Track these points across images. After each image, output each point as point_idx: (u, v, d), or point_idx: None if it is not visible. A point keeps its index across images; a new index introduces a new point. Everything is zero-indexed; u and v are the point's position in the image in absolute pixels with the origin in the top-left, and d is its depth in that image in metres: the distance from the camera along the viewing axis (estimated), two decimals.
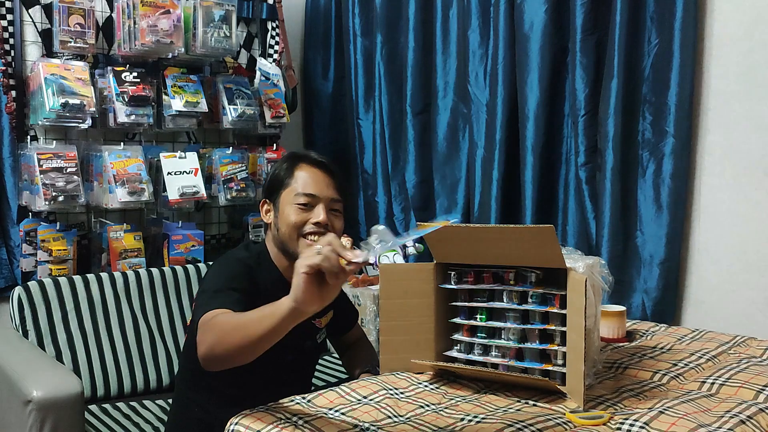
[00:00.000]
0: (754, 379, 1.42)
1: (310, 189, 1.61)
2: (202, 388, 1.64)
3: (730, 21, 2.15)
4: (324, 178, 1.63)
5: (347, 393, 1.36)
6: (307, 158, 1.66)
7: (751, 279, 2.13)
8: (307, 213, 1.60)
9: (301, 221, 1.59)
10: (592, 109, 2.36)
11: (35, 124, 2.40)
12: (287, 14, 3.05)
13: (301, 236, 1.60)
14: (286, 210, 1.61)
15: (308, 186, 1.61)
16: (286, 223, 1.60)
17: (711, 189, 2.22)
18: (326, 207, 1.61)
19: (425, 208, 2.97)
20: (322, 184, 1.62)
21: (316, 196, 1.61)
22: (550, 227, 1.30)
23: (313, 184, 1.62)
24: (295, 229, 1.60)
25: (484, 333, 1.46)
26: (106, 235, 2.48)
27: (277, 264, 1.65)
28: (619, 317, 1.78)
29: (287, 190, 1.63)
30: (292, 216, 1.60)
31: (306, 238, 1.60)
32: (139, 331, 2.30)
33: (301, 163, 1.65)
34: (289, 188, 1.62)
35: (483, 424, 1.20)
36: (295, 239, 1.60)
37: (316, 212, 1.60)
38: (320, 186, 1.62)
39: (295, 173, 1.63)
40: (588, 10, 2.32)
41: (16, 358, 1.97)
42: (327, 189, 1.62)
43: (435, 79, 2.87)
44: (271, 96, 2.88)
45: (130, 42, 2.48)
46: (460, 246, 1.46)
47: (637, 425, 1.18)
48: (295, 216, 1.60)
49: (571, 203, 2.50)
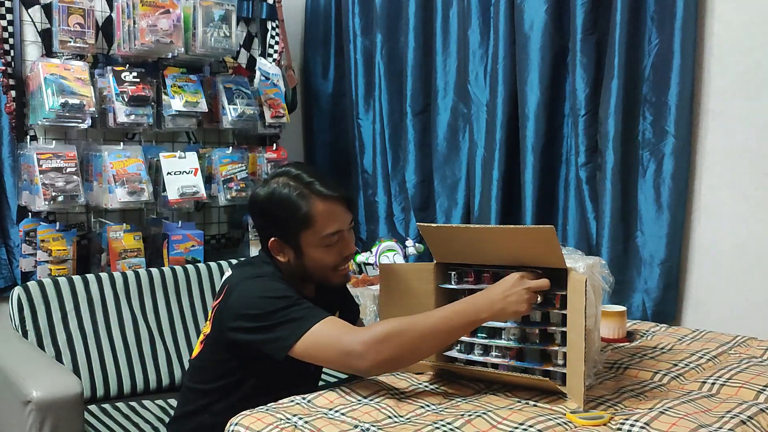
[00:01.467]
0: (754, 379, 1.42)
1: (335, 227, 1.54)
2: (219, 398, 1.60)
3: (730, 21, 2.15)
4: (340, 207, 1.56)
5: (347, 393, 1.36)
6: (317, 192, 1.53)
7: (751, 279, 2.13)
8: (336, 249, 1.56)
9: (335, 261, 1.57)
10: (592, 109, 2.36)
11: (35, 124, 2.39)
12: (287, 14, 3.05)
13: (334, 270, 1.59)
14: (313, 253, 1.55)
15: (332, 224, 1.54)
16: (317, 266, 1.56)
17: (711, 189, 2.22)
18: (348, 234, 1.59)
19: (425, 208, 2.97)
20: (341, 215, 1.56)
21: (341, 231, 1.56)
22: (551, 228, 1.30)
23: (336, 220, 1.55)
24: (329, 269, 1.58)
25: (485, 333, 1.46)
26: (106, 235, 2.48)
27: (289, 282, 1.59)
28: (619, 317, 1.78)
29: (308, 232, 1.53)
30: (326, 259, 1.56)
31: (338, 270, 1.59)
32: (139, 331, 2.29)
33: (314, 199, 1.53)
34: (311, 230, 1.53)
35: (482, 419, 1.20)
36: (329, 274, 1.59)
37: (346, 246, 1.58)
38: (341, 219, 1.56)
39: (312, 212, 1.52)
40: (588, 10, 2.32)
41: (16, 358, 1.97)
42: (346, 217, 1.57)
43: (435, 79, 2.87)
44: (271, 96, 2.88)
45: (129, 42, 2.48)
46: (460, 246, 1.46)
47: (638, 425, 1.18)
48: (329, 258, 1.56)
49: (571, 203, 2.50)
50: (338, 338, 1.37)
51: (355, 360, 1.35)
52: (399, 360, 1.37)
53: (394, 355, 1.34)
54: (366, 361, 1.34)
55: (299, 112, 3.34)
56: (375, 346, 1.34)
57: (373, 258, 2.89)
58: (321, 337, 1.39)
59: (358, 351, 1.34)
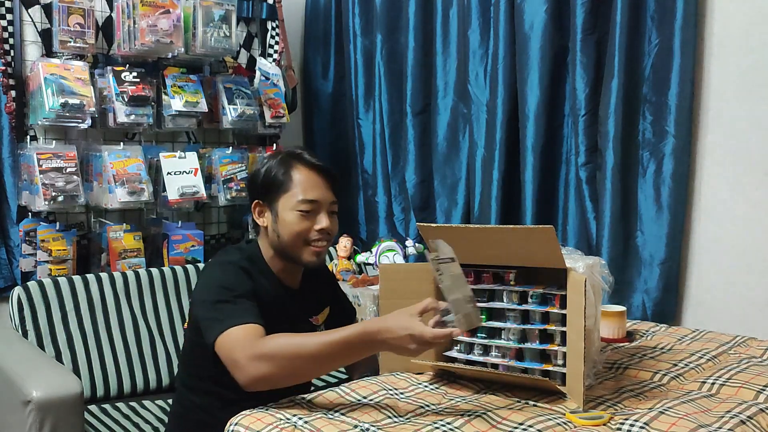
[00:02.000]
0: (754, 379, 1.42)
1: (312, 195, 1.57)
2: (204, 392, 1.62)
3: (730, 21, 2.15)
4: (323, 181, 1.59)
5: (347, 393, 1.36)
6: (303, 159, 1.60)
7: (751, 279, 2.13)
8: (310, 220, 1.57)
9: (305, 229, 1.56)
10: (592, 108, 2.36)
11: (35, 124, 2.39)
12: (287, 14, 3.05)
13: (305, 244, 1.58)
14: (287, 217, 1.57)
15: (310, 192, 1.56)
16: (289, 232, 1.57)
17: (711, 189, 2.22)
18: (327, 211, 1.59)
19: (425, 208, 2.97)
20: (322, 188, 1.58)
21: (318, 201, 1.57)
22: (550, 228, 1.30)
23: (314, 189, 1.57)
24: (300, 238, 1.57)
25: (484, 333, 1.46)
26: (106, 235, 2.48)
27: (271, 266, 1.63)
28: (619, 317, 1.78)
29: (286, 195, 1.57)
30: (296, 225, 1.56)
31: (310, 245, 1.58)
32: (139, 331, 2.29)
33: (299, 165, 1.59)
34: (289, 193, 1.57)
35: (482, 419, 1.20)
36: (300, 247, 1.58)
37: (320, 219, 1.57)
38: (321, 190, 1.58)
39: (293, 176, 1.57)
40: (588, 10, 2.32)
41: (16, 358, 1.97)
42: (327, 192, 1.59)
43: (435, 79, 2.87)
44: (271, 96, 2.88)
45: (129, 42, 2.48)
46: (460, 246, 1.45)
47: (638, 425, 1.18)
48: (299, 224, 1.56)
49: (571, 203, 2.50)
50: (235, 347, 1.36)
51: (237, 372, 1.35)
52: (275, 379, 1.34)
53: (270, 373, 1.32)
54: (243, 375, 1.34)
55: (299, 112, 3.34)
56: (254, 362, 1.33)
57: (373, 258, 2.89)
58: (228, 341, 1.38)
59: (241, 363, 1.34)
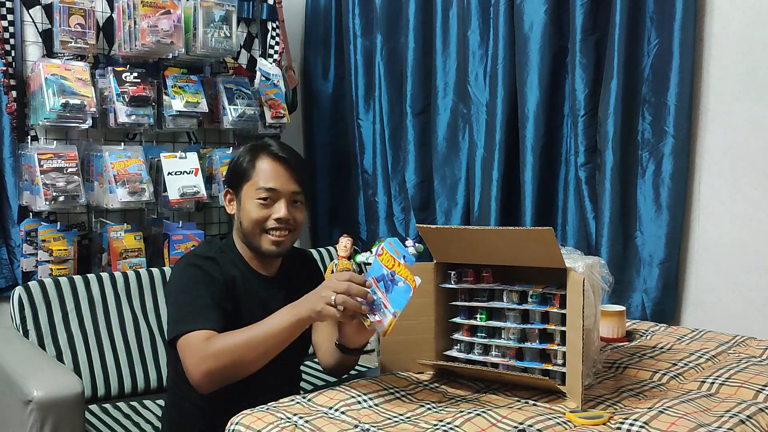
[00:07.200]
0: (753, 378, 1.42)
1: (271, 184, 1.58)
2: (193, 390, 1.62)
3: (730, 21, 2.15)
4: (285, 172, 1.60)
5: (347, 392, 1.36)
6: (267, 150, 1.61)
7: (751, 279, 2.14)
8: (268, 208, 1.58)
9: (262, 217, 1.58)
10: (592, 109, 2.37)
11: (36, 124, 2.40)
12: (287, 14, 3.06)
13: (263, 232, 1.59)
14: (247, 205, 1.59)
15: (269, 180, 1.58)
16: (248, 219, 1.59)
17: (711, 189, 2.22)
18: (287, 201, 1.59)
19: (425, 208, 2.98)
20: (283, 177, 1.59)
21: (277, 190, 1.58)
22: (549, 229, 1.31)
23: (274, 178, 1.59)
24: (257, 225, 1.59)
25: (484, 332, 1.46)
26: (107, 235, 2.48)
27: (243, 254, 1.65)
28: (618, 317, 1.78)
29: (249, 183, 1.60)
30: (254, 212, 1.58)
31: (268, 233, 1.59)
32: (140, 331, 2.30)
33: (263, 155, 1.61)
34: (251, 182, 1.60)
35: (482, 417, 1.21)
36: (258, 234, 1.59)
37: (278, 208, 1.58)
38: (281, 180, 1.59)
39: (256, 166, 1.60)
40: (588, 10, 2.32)
41: (17, 358, 1.97)
42: (288, 183, 1.60)
43: (435, 79, 2.87)
44: (272, 96, 2.89)
45: (130, 42, 2.48)
46: (460, 247, 1.46)
47: (637, 425, 1.18)
48: (256, 212, 1.58)
49: (570, 203, 2.50)
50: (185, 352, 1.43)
51: (188, 376, 1.42)
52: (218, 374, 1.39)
53: (212, 369, 1.38)
54: (194, 377, 1.40)
55: (299, 112, 3.34)
56: (199, 363, 1.39)
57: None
58: (185, 345, 1.44)
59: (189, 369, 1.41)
